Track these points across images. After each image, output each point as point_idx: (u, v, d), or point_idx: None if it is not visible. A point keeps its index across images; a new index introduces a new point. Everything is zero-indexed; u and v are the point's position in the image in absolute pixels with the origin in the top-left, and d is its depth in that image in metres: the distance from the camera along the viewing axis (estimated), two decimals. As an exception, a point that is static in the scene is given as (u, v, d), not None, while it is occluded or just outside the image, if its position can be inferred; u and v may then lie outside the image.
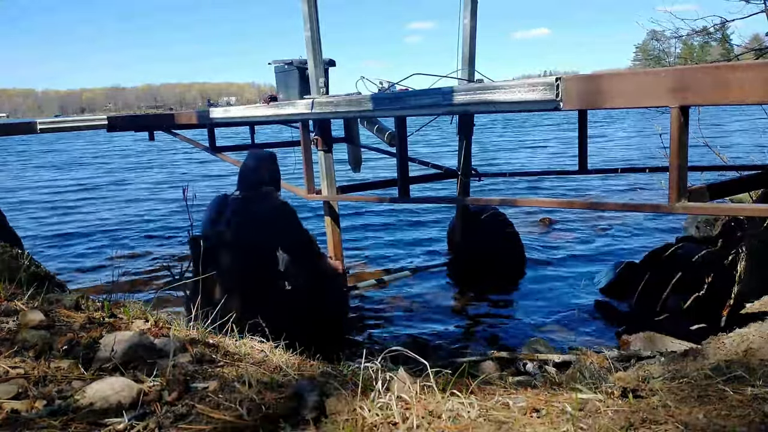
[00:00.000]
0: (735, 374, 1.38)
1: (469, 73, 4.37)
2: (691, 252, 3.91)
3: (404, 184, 3.62)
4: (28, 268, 2.29)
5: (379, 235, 6.83)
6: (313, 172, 4.23)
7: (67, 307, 1.93)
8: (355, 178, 5.84)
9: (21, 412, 1.18)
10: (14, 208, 9.61)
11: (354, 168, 5.38)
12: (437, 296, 4.69)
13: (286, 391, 1.30)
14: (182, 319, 1.87)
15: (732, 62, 3.08)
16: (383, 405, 1.20)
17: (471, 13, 4.28)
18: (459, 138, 4.54)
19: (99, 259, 6.12)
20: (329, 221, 4.25)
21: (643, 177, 8.33)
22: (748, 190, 3.41)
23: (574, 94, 2.36)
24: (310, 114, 3.89)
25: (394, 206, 7.79)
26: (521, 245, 5.13)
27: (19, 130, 5.28)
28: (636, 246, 5.81)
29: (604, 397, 1.32)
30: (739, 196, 3.56)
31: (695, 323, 3.41)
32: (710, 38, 6.91)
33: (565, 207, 4.74)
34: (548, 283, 4.87)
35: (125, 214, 8.83)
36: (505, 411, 1.23)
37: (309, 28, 3.82)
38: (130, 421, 1.15)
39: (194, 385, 1.34)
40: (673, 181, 2.16)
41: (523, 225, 6.51)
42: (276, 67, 4.67)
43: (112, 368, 1.42)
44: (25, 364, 1.43)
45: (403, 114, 3.38)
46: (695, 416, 1.19)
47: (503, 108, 2.74)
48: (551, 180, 9.66)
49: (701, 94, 2.00)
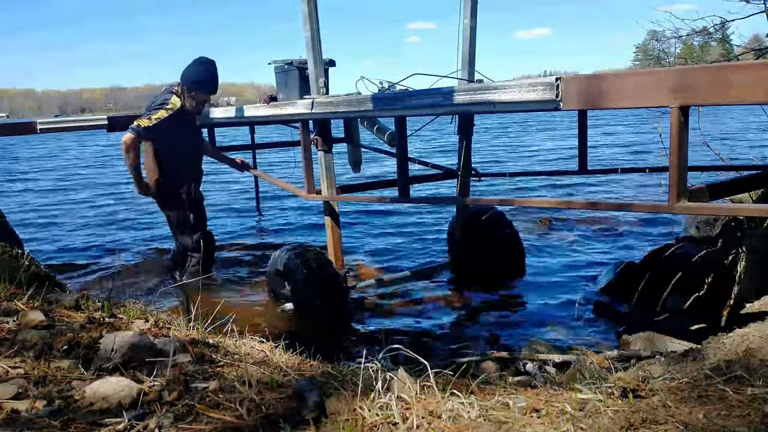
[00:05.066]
0: (735, 374, 1.38)
1: (469, 74, 4.37)
2: (691, 252, 3.91)
3: (404, 184, 3.61)
4: (28, 268, 2.29)
5: (379, 235, 6.82)
6: (313, 172, 4.23)
7: (67, 307, 1.93)
8: (355, 178, 5.84)
9: (21, 412, 1.18)
10: (14, 207, 9.63)
11: (354, 168, 5.38)
12: (437, 296, 4.69)
13: (286, 391, 1.30)
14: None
15: (732, 62, 3.08)
16: (383, 405, 1.20)
17: (471, 13, 4.27)
18: (459, 138, 4.54)
19: (99, 260, 6.11)
20: (329, 221, 4.24)
21: (643, 177, 8.34)
22: (748, 190, 3.41)
23: (574, 94, 2.36)
24: (310, 114, 3.89)
25: (394, 206, 7.79)
26: (521, 245, 5.12)
27: (19, 130, 5.28)
28: (636, 246, 5.80)
29: (604, 397, 1.32)
30: (739, 196, 3.55)
31: (695, 323, 3.41)
32: (710, 38, 6.92)
33: (564, 207, 4.74)
34: (548, 283, 4.87)
35: (125, 214, 8.83)
36: (505, 411, 1.23)
37: (309, 28, 3.82)
38: (130, 421, 1.16)
39: (194, 385, 1.34)
40: (673, 181, 2.16)
41: (523, 225, 6.50)
42: (276, 67, 4.66)
43: (112, 368, 1.42)
44: (25, 364, 1.43)
45: (403, 114, 3.38)
46: (695, 416, 1.19)
47: (503, 108, 2.74)
48: (551, 180, 9.65)
49: (701, 94, 2.00)
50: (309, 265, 3.90)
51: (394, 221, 7.47)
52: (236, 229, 7.43)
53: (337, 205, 4.27)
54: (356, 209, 7.94)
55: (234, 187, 10.98)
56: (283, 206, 8.85)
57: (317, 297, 3.83)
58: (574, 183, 9.43)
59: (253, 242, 6.71)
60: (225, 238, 6.82)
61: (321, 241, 5.52)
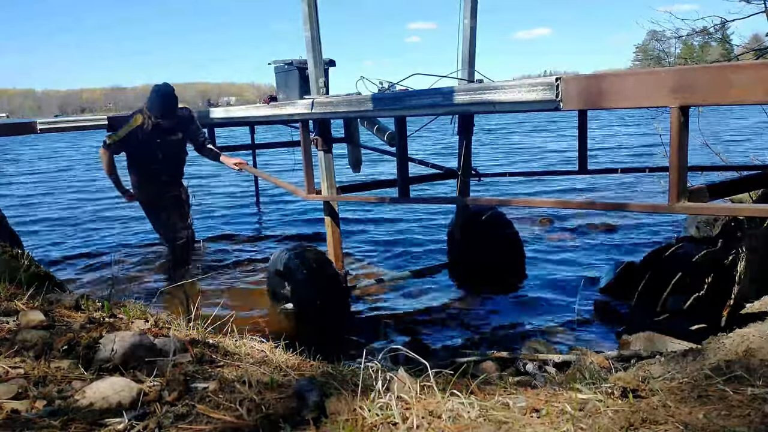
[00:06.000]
0: (735, 374, 1.38)
1: (469, 74, 4.37)
2: (691, 252, 3.91)
3: (404, 184, 3.61)
4: (28, 268, 2.29)
5: (379, 235, 6.82)
6: (313, 172, 4.23)
7: (67, 307, 1.93)
8: (355, 178, 5.84)
9: (21, 412, 1.18)
10: (14, 207, 9.62)
11: (354, 168, 5.38)
12: (437, 296, 4.69)
13: (286, 391, 1.30)
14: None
15: (732, 62, 3.08)
16: (383, 405, 1.20)
17: (471, 13, 4.27)
18: (459, 138, 4.54)
19: (98, 259, 6.11)
20: (329, 221, 4.24)
21: (643, 177, 8.34)
22: (748, 190, 3.41)
23: (574, 94, 2.36)
24: (310, 114, 3.89)
25: (394, 206, 7.79)
26: (521, 245, 5.12)
27: (19, 130, 5.29)
28: (636, 246, 5.80)
29: (604, 397, 1.32)
30: (739, 196, 3.56)
31: (695, 323, 3.40)
32: (710, 38, 6.92)
33: (564, 207, 4.74)
34: (548, 283, 4.87)
35: (124, 213, 8.83)
36: (505, 411, 1.23)
37: (309, 28, 3.82)
38: (130, 421, 1.16)
39: (194, 385, 1.34)
40: (673, 181, 2.16)
41: (523, 225, 6.50)
42: (276, 68, 4.67)
43: (112, 368, 1.42)
44: (25, 364, 1.43)
45: (403, 114, 3.38)
46: (695, 416, 1.19)
47: (503, 108, 2.74)
48: (551, 180, 9.65)
49: (701, 94, 2.00)
50: (309, 265, 3.90)
51: (394, 221, 7.47)
52: (236, 228, 7.43)
53: (337, 205, 4.27)
54: (356, 209, 7.94)
55: (234, 188, 10.98)
56: (283, 206, 8.86)
57: (317, 297, 3.83)
58: (574, 183, 9.42)
59: (253, 242, 6.71)
60: (225, 238, 6.82)
61: (321, 241, 5.52)
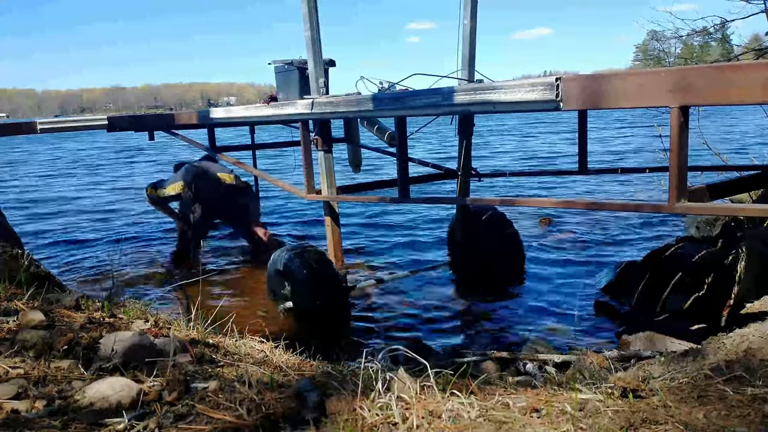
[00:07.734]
0: (735, 374, 1.38)
1: (469, 74, 4.37)
2: (691, 252, 3.91)
3: (404, 184, 3.61)
4: (28, 268, 2.29)
5: (379, 235, 6.82)
6: (313, 172, 4.23)
7: (67, 307, 1.93)
8: (355, 178, 5.84)
9: (21, 412, 1.18)
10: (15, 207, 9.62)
11: (354, 169, 5.37)
12: (437, 296, 4.69)
13: (286, 391, 1.30)
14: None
15: (732, 62, 3.08)
16: (383, 405, 1.20)
17: (471, 13, 4.27)
18: (459, 138, 4.54)
19: (98, 259, 6.11)
20: (329, 221, 4.24)
21: (643, 177, 8.34)
22: (748, 190, 3.41)
23: (574, 94, 2.36)
24: (310, 114, 3.89)
25: (394, 206, 7.79)
26: (521, 245, 5.12)
27: (19, 130, 5.28)
28: (636, 246, 5.80)
29: (604, 397, 1.32)
30: (739, 196, 3.56)
31: (695, 323, 3.40)
32: (710, 38, 6.92)
33: (565, 207, 4.74)
34: (548, 283, 4.87)
35: (124, 213, 8.83)
36: (505, 411, 1.23)
37: (309, 28, 3.82)
38: (130, 421, 1.16)
39: (194, 385, 1.34)
40: (673, 181, 2.16)
41: (523, 225, 6.50)
42: (276, 67, 4.66)
43: (112, 368, 1.42)
44: (25, 364, 1.43)
45: (403, 114, 3.38)
46: (695, 416, 1.19)
47: (503, 108, 2.74)
48: (551, 180, 9.66)
49: (701, 94, 2.00)
50: (309, 265, 3.90)
51: (394, 221, 7.47)
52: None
53: (337, 205, 4.27)
54: (356, 209, 7.94)
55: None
56: (283, 206, 8.86)
57: (317, 297, 3.83)
58: (574, 183, 9.43)
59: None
60: (225, 238, 6.82)
61: (321, 241, 5.52)
